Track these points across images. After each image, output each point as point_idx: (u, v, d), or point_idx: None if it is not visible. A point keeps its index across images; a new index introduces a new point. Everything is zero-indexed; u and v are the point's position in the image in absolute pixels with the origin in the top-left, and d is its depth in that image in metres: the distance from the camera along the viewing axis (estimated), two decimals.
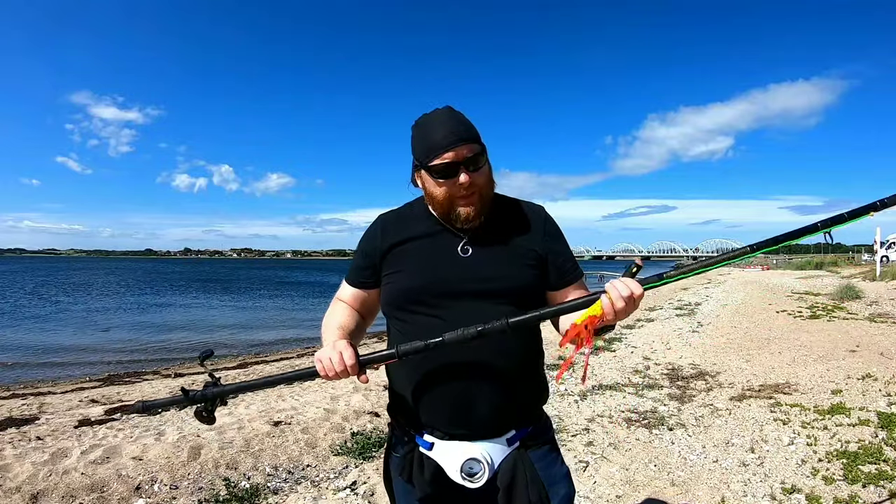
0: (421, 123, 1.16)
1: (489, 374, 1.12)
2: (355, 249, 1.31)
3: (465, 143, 1.10)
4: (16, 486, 2.87)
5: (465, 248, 1.16)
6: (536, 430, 1.21)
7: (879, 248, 22.22)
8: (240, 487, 2.93)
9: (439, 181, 1.11)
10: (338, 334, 1.18)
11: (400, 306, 1.18)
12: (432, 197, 1.14)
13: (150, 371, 9.03)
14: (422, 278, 1.15)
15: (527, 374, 1.19)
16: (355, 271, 1.28)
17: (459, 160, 1.08)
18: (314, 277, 59.51)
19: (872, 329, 7.87)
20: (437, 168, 1.10)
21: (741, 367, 5.79)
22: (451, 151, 1.08)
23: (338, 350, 1.06)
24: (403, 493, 1.22)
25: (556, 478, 1.19)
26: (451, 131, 1.10)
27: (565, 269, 1.22)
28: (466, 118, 1.15)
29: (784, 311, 10.74)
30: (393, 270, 1.19)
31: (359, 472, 3.18)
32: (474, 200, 1.12)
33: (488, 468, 1.13)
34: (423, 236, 1.19)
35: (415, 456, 1.19)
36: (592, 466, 3.19)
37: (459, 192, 1.10)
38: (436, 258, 1.16)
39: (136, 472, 3.12)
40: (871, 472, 2.91)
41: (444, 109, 1.16)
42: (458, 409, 1.13)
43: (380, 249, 1.21)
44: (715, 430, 3.78)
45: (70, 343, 12.76)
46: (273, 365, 8.70)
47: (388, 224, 1.24)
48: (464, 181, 1.08)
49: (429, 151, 1.10)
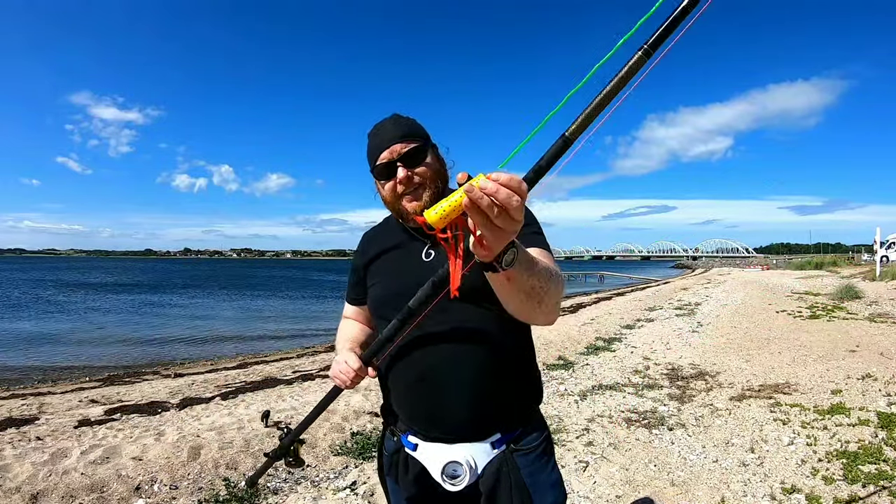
0: (369, 134, 1.20)
1: (467, 373, 1.11)
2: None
3: (400, 140, 1.12)
4: (16, 487, 2.87)
5: (427, 253, 1.18)
6: (525, 433, 1.17)
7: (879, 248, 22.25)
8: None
9: (382, 182, 1.15)
10: (346, 347, 1.27)
11: (378, 314, 1.24)
12: (384, 201, 1.18)
13: (151, 371, 9.02)
14: (391, 286, 1.20)
15: (511, 373, 1.15)
16: (350, 289, 1.38)
17: (394, 157, 1.11)
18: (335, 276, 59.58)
19: (872, 329, 7.87)
20: (378, 170, 1.14)
21: (741, 367, 5.79)
22: (385, 151, 1.12)
23: (342, 360, 1.17)
24: (392, 492, 1.27)
25: (543, 485, 1.16)
26: (387, 135, 1.14)
27: (522, 238, 1.04)
28: (410, 119, 1.18)
29: (784, 311, 10.74)
30: (371, 283, 1.26)
31: (358, 472, 3.18)
32: (419, 195, 1.13)
33: (470, 472, 1.11)
34: (393, 247, 1.23)
35: (401, 456, 1.21)
36: (592, 466, 3.19)
37: (400, 189, 1.12)
38: (403, 266, 1.20)
39: (135, 472, 3.12)
40: (871, 472, 2.91)
41: (389, 117, 1.19)
42: (436, 410, 1.13)
43: (361, 266, 1.30)
44: (715, 430, 3.78)
45: (70, 343, 12.76)
46: (273, 365, 8.69)
47: (367, 240, 1.33)
48: (401, 177, 1.11)
49: (371, 157, 1.16)
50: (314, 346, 11.88)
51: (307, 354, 10.30)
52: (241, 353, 11.24)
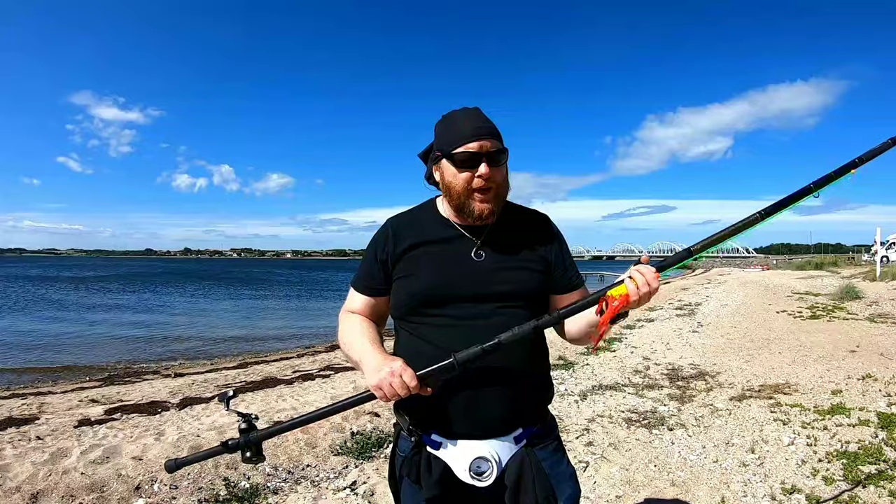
0: (448, 117, 1.19)
1: (498, 373, 1.13)
2: (364, 254, 1.29)
3: (490, 137, 1.13)
4: (16, 486, 2.87)
5: (478, 253, 1.18)
6: (543, 428, 1.22)
7: (879, 248, 22.22)
8: (240, 487, 2.92)
9: (460, 170, 1.13)
10: (374, 348, 1.14)
11: (412, 310, 1.18)
12: (449, 187, 1.16)
13: (151, 371, 9.02)
14: (435, 281, 1.15)
15: (534, 372, 1.20)
16: (367, 279, 1.25)
17: (482, 152, 1.12)
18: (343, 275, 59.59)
19: (872, 329, 7.87)
20: (461, 156, 1.12)
21: (741, 368, 5.79)
22: (476, 142, 1.12)
23: (397, 374, 1.05)
24: (410, 493, 1.21)
25: (562, 476, 1.20)
26: (478, 125, 1.14)
27: (571, 276, 1.26)
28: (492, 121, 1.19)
29: (784, 311, 10.74)
30: (405, 274, 1.18)
31: (359, 472, 3.18)
32: (490, 197, 1.14)
33: (496, 467, 1.13)
34: (437, 240, 1.19)
35: (422, 456, 1.18)
36: (592, 466, 3.19)
37: (478, 185, 1.13)
38: (449, 262, 1.17)
39: (136, 471, 3.12)
40: (871, 472, 2.91)
41: (473, 108, 1.20)
42: (468, 409, 1.13)
43: (393, 254, 1.20)
44: (715, 431, 3.78)
45: (70, 342, 12.76)
46: (273, 365, 8.69)
47: (400, 228, 1.23)
48: (483, 172, 1.11)
49: (454, 140, 1.13)
50: (314, 346, 11.88)
51: (307, 354, 10.30)
52: (242, 353, 11.24)
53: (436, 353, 1.11)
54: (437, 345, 1.13)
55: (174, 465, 1.19)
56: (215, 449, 1.18)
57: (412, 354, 1.17)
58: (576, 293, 1.25)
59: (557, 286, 1.24)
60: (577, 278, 1.27)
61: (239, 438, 1.16)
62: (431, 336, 1.15)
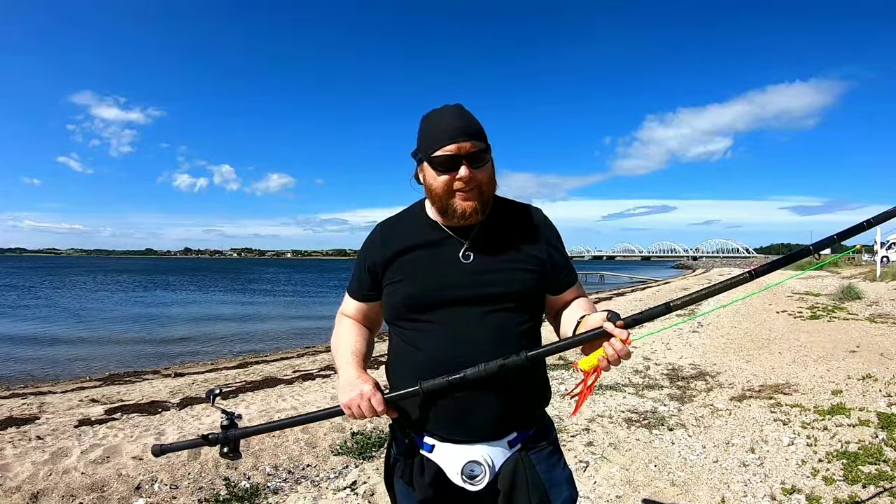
0: (429, 117, 1.16)
1: (492, 378, 1.10)
2: (357, 259, 1.28)
3: (469, 138, 1.10)
4: (16, 486, 2.87)
5: (466, 255, 1.15)
6: (538, 432, 1.20)
7: (879, 249, 22.22)
8: (240, 487, 2.93)
9: (439, 173, 1.10)
10: (353, 363, 1.18)
11: (401, 315, 1.17)
12: (431, 189, 1.14)
13: (151, 370, 9.02)
14: (423, 285, 1.14)
15: (528, 377, 1.18)
16: (359, 284, 1.26)
17: (461, 154, 1.08)
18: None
19: (873, 329, 7.86)
20: (439, 159, 1.09)
21: (741, 368, 5.79)
22: (453, 144, 1.08)
23: (365, 398, 1.09)
24: (404, 494, 1.21)
25: (557, 480, 1.18)
26: (456, 126, 1.10)
27: (565, 274, 1.24)
28: (474, 117, 1.15)
29: (784, 311, 10.74)
30: (395, 279, 1.18)
31: (359, 472, 3.18)
32: (473, 196, 1.11)
33: (489, 471, 1.12)
34: (425, 244, 1.17)
35: (415, 458, 1.18)
36: (592, 467, 3.19)
37: (459, 187, 1.10)
38: (438, 265, 1.15)
39: (136, 471, 3.12)
40: (871, 472, 2.91)
41: (453, 106, 1.16)
42: (461, 413, 1.12)
43: (382, 259, 1.19)
44: (715, 431, 3.78)
45: (70, 342, 12.77)
46: (273, 364, 8.69)
47: (388, 233, 1.23)
48: (463, 175, 1.08)
49: (432, 143, 1.10)
50: (315, 346, 11.88)
51: (307, 354, 10.30)
52: (242, 353, 11.24)
53: (426, 358, 1.11)
54: (428, 350, 1.12)
55: (159, 450, 1.25)
56: (196, 440, 1.23)
57: (403, 359, 1.17)
58: (570, 291, 1.25)
59: (550, 286, 1.22)
60: (572, 276, 1.25)
61: (219, 434, 1.21)
62: (422, 341, 1.13)
